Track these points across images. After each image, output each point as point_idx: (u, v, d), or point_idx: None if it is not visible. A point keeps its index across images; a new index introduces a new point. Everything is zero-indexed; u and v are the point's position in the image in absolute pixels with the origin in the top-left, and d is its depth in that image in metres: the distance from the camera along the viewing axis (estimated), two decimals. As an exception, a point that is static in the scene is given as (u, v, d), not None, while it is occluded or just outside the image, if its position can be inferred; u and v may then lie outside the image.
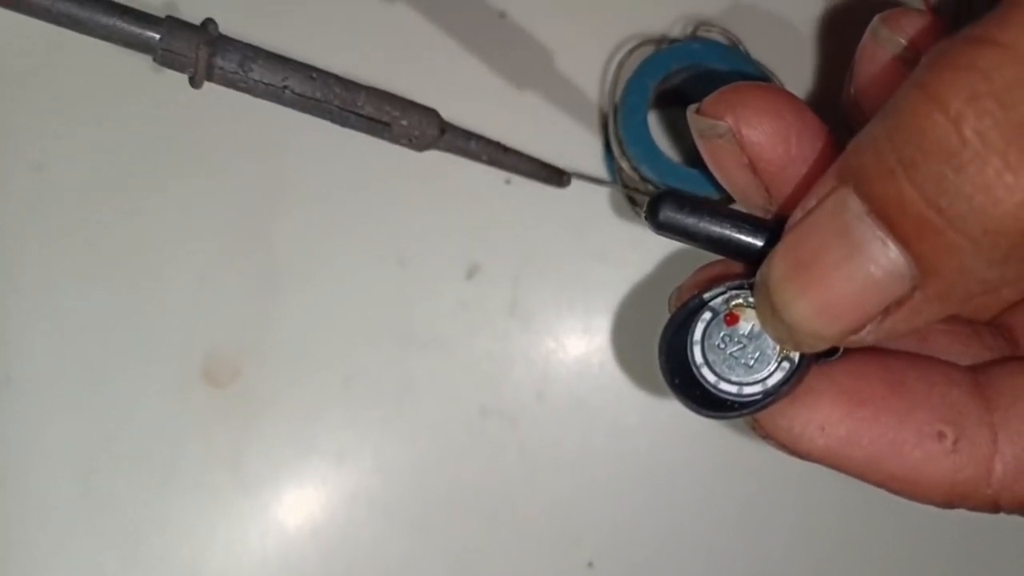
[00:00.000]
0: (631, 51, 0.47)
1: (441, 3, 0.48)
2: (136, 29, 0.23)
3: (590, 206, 0.48)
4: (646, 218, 0.24)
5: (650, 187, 0.45)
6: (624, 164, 0.45)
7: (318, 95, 0.26)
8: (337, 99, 0.26)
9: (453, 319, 0.47)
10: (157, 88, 0.47)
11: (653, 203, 0.24)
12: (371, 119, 0.27)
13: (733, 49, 0.45)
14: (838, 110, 0.29)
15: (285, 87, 0.25)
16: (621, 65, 0.47)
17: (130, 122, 0.47)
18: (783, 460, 0.26)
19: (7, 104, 0.47)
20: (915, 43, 0.24)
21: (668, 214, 0.24)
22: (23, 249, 0.47)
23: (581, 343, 0.48)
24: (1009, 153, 0.17)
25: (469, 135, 0.29)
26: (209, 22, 0.25)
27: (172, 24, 0.24)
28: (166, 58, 0.24)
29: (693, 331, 0.24)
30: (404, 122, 0.27)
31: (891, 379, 0.23)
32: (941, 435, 0.22)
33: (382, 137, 0.27)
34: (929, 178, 0.18)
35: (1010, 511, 0.23)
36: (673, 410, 0.47)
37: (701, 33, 0.46)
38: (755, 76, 0.44)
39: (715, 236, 0.24)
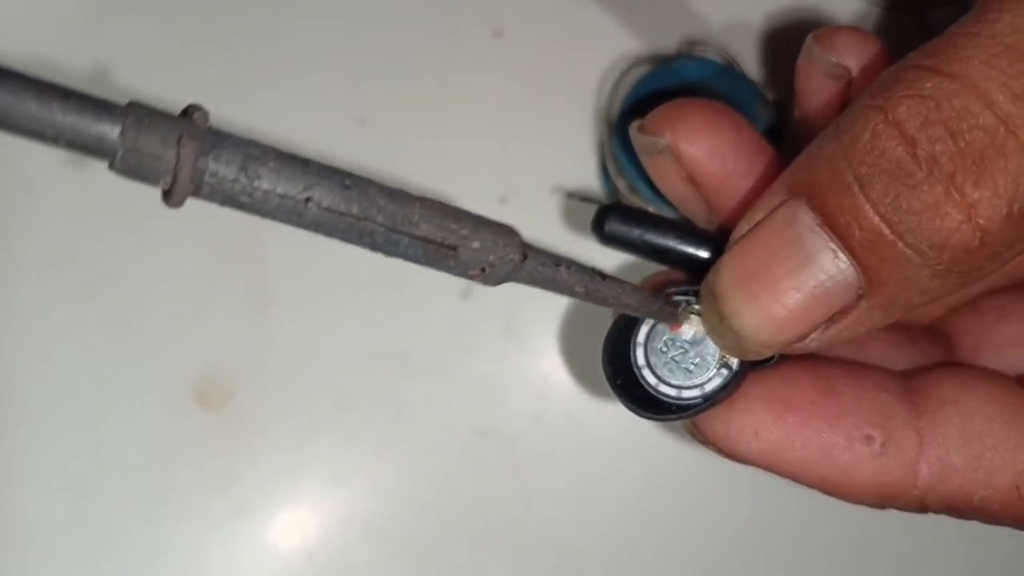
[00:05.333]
0: (627, 70, 0.49)
1: (436, 22, 0.51)
2: (84, 121, 0.16)
3: (586, 225, 0.50)
4: (592, 231, 0.27)
5: (650, 207, 0.47)
6: (620, 183, 0.47)
7: (355, 210, 0.19)
8: (382, 215, 0.19)
9: (448, 340, 0.50)
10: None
11: (599, 216, 0.27)
12: (430, 242, 0.20)
13: (728, 67, 0.47)
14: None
15: (308, 200, 0.19)
16: (617, 84, 0.49)
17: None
18: (780, 483, 0.28)
19: None
20: (846, 61, 0.27)
21: (614, 226, 0.26)
22: (15, 272, 0.49)
23: (578, 363, 0.50)
24: (956, 176, 0.20)
25: (558, 261, 0.23)
26: (194, 109, 0.18)
27: (138, 113, 0.17)
28: (128, 162, 0.17)
29: (637, 333, 0.26)
30: (475, 244, 0.21)
31: (822, 385, 0.25)
32: (869, 438, 0.24)
33: (442, 267, 0.21)
34: (885, 194, 0.21)
35: (937, 511, 0.25)
36: (673, 431, 0.49)
37: (696, 52, 0.48)
38: (749, 94, 0.47)
39: (660, 247, 0.26)
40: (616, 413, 0.50)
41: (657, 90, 0.46)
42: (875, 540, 0.50)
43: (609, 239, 0.26)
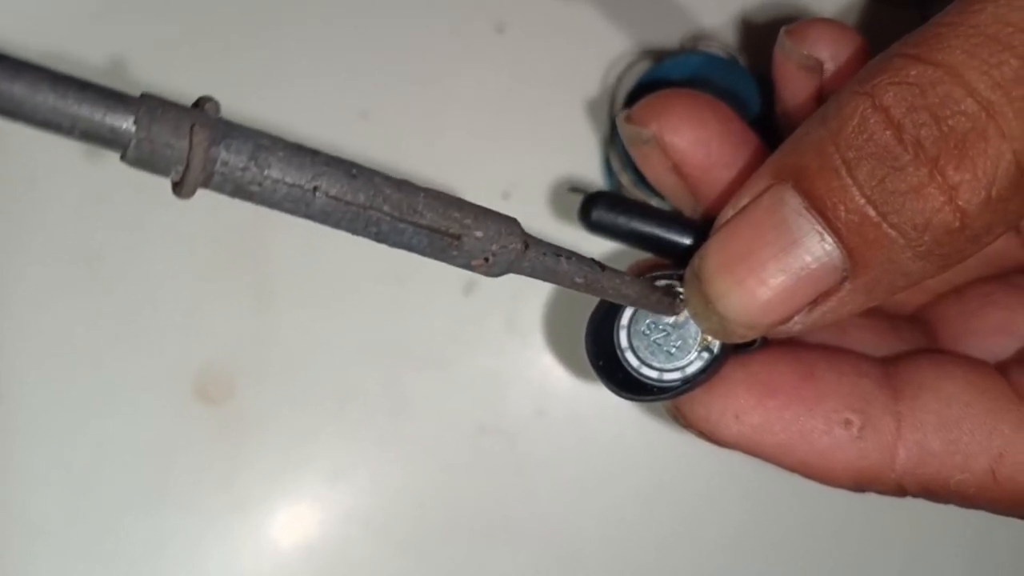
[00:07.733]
0: (630, 65, 0.50)
1: (438, 17, 0.52)
2: (99, 112, 0.17)
3: (588, 221, 0.51)
4: (579, 218, 0.28)
5: (652, 201, 0.48)
6: (624, 179, 0.48)
7: (361, 199, 0.20)
8: (388, 204, 0.20)
9: (450, 336, 0.51)
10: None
11: (585, 204, 0.28)
12: (435, 231, 0.21)
13: (731, 61, 0.48)
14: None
15: (315, 189, 0.19)
16: (620, 79, 0.50)
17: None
18: (781, 477, 0.28)
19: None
20: (819, 53, 0.28)
21: (600, 214, 0.27)
22: (15, 267, 0.50)
23: (579, 358, 0.51)
24: (939, 159, 0.21)
25: (558, 251, 0.23)
26: (206, 100, 0.19)
27: (151, 103, 0.18)
28: (141, 151, 0.18)
29: (621, 316, 0.27)
30: (478, 233, 0.22)
31: (802, 370, 0.26)
32: (848, 423, 0.25)
33: (445, 257, 0.22)
34: (871, 177, 0.22)
35: (915, 495, 0.26)
36: (672, 426, 0.50)
37: (700, 46, 0.49)
38: (752, 87, 0.48)
39: (645, 235, 0.28)
40: (617, 409, 0.51)
41: (660, 84, 0.47)
42: (875, 532, 0.51)
43: (595, 227, 0.27)
